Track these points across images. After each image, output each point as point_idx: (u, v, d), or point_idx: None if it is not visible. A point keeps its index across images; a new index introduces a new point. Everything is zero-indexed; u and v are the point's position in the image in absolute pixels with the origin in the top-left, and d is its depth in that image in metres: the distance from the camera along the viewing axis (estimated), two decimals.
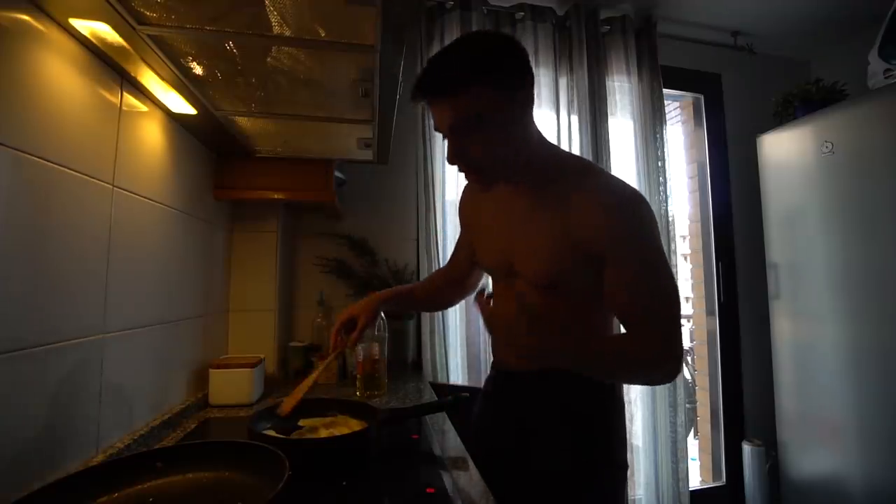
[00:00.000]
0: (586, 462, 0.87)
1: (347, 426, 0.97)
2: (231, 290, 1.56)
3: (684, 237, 2.94)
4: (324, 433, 0.93)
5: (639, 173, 2.03)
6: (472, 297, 1.20)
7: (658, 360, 0.79)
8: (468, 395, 0.87)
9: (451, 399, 0.89)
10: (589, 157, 1.93)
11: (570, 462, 0.87)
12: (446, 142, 0.82)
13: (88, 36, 0.75)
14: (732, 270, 2.27)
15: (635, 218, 0.80)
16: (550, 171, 0.87)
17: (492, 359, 1.06)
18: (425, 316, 1.79)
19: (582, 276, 0.84)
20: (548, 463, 0.88)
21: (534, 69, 0.88)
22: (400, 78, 0.95)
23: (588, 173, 0.87)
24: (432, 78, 0.78)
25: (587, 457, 0.87)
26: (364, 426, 0.93)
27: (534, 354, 0.77)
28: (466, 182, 1.04)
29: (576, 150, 1.95)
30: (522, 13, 1.94)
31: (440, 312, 1.78)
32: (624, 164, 2.04)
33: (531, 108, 0.86)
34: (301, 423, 0.98)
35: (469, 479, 0.84)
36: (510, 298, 0.97)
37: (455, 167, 0.85)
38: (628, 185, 0.86)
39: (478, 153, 0.80)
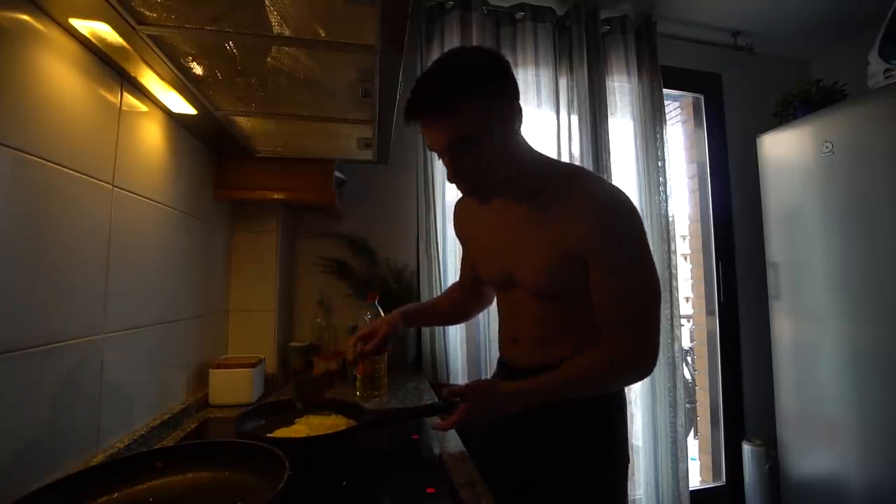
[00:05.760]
0: (594, 457, 0.88)
1: (336, 425, 0.96)
2: (231, 290, 1.56)
3: (684, 237, 2.94)
4: (305, 433, 0.92)
5: (639, 173, 2.03)
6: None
7: (619, 367, 0.83)
8: (458, 399, 0.86)
9: (442, 403, 0.88)
10: (589, 157, 1.93)
11: (577, 458, 0.88)
12: (441, 161, 0.83)
13: (88, 36, 0.75)
14: (732, 270, 2.27)
15: (612, 221, 0.82)
16: (540, 179, 0.88)
17: (492, 359, 1.06)
18: None
19: (577, 281, 0.85)
20: (555, 460, 0.89)
21: (534, 69, 0.89)
22: (400, 78, 0.95)
23: (575, 179, 0.88)
24: (422, 101, 0.78)
25: (595, 452, 0.88)
26: (351, 425, 0.93)
27: (465, 418, 0.81)
28: (459, 197, 1.06)
29: (576, 151, 1.95)
30: (522, 13, 1.94)
31: None
32: (624, 165, 2.04)
33: (520, 120, 0.86)
34: (297, 420, 0.98)
35: (469, 480, 0.84)
36: (513, 307, 0.98)
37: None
38: (612, 189, 0.87)
39: (476, 170, 0.81)
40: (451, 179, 0.84)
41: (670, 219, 2.01)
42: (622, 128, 2.07)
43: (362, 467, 0.89)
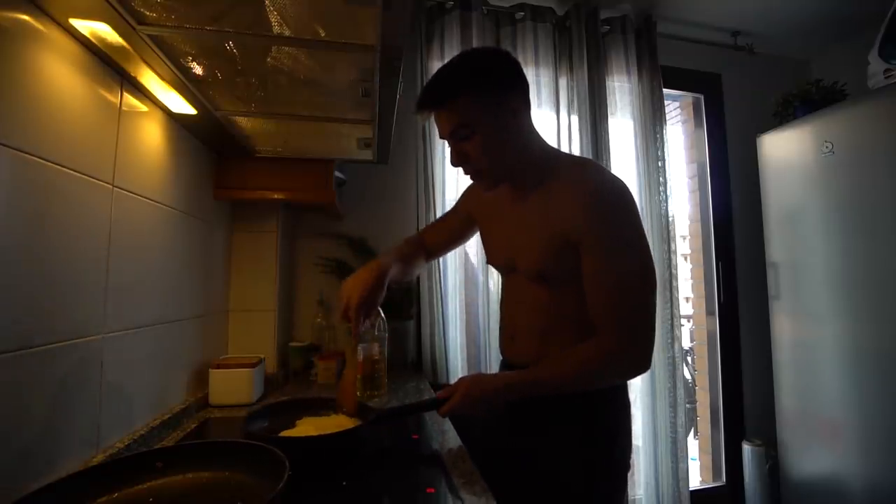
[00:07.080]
0: (592, 462, 0.88)
1: (341, 424, 0.96)
2: (231, 290, 1.55)
3: (684, 237, 2.94)
4: (314, 432, 0.92)
5: (639, 173, 2.03)
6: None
7: (612, 360, 0.84)
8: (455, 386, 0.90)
9: (441, 400, 0.90)
10: (589, 157, 1.93)
11: (576, 461, 0.87)
12: (449, 147, 0.91)
13: (88, 36, 0.75)
14: (732, 270, 2.27)
15: (604, 208, 0.83)
16: (548, 169, 0.91)
17: (492, 360, 1.07)
18: (425, 316, 1.79)
19: (569, 267, 0.86)
20: (554, 462, 0.88)
21: (534, 69, 0.92)
22: (400, 78, 0.95)
23: (577, 168, 0.91)
24: (429, 91, 0.87)
25: (593, 456, 0.88)
26: (357, 424, 0.93)
27: (456, 408, 0.87)
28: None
29: (576, 150, 1.95)
30: (522, 13, 1.94)
31: (440, 312, 1.78)
32: (624, 164, 2.04)
33: (526, 114, 0.91)
34: (297, 422, 0.98)
35: (469, 479, 0.84)
36: (514, 293, 0.99)
37: (456, 169, 0.93)
38: (611, 180, 0.88)
39: (475, 157, 0.87)
40: (452, 163, 0.91)
41: (670, 219, 2.01)
42: (622, 128, 2.06)
43: (362, 467, 0.89)
